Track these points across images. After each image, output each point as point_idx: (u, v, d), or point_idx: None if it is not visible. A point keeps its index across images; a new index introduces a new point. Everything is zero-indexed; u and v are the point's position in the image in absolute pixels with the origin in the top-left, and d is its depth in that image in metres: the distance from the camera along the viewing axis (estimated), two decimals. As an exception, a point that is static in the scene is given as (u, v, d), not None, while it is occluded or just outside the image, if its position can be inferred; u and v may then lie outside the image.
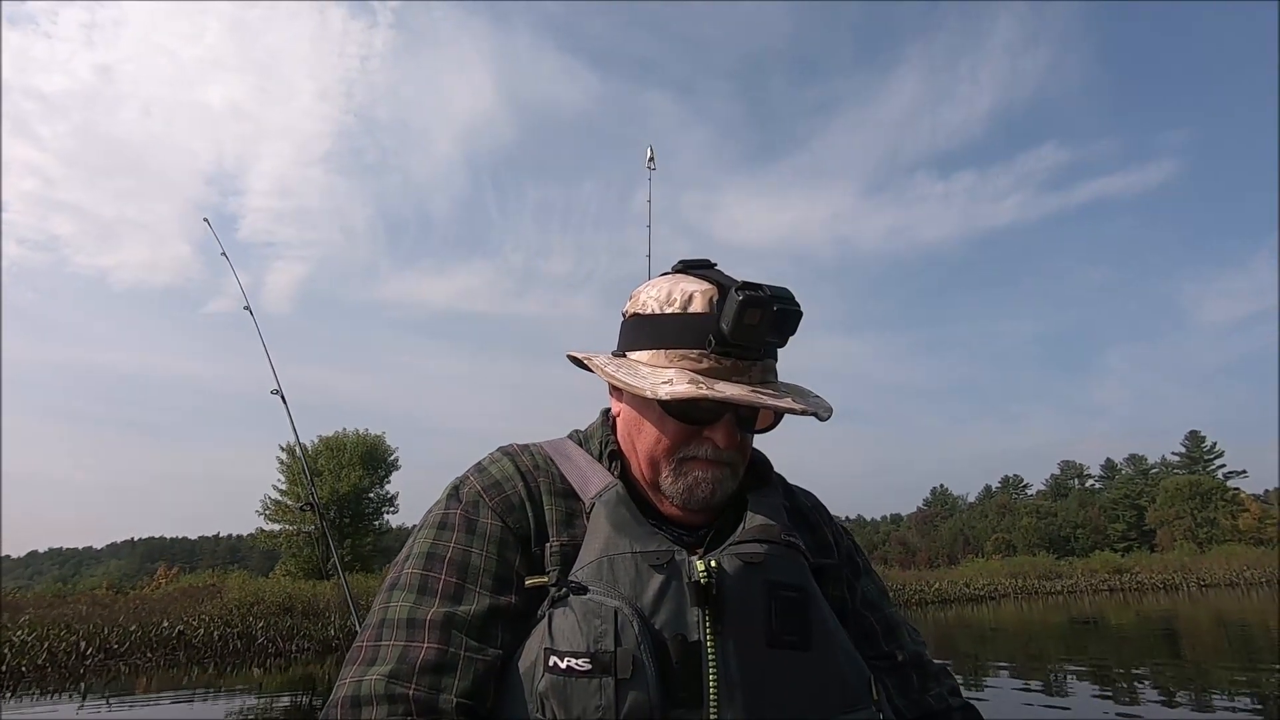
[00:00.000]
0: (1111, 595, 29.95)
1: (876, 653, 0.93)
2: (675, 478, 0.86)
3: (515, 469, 0.92)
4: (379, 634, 0.80)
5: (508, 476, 0.91)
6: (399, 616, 0.80)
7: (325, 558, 31.61)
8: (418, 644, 0.78)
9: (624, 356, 0.90)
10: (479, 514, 0.87)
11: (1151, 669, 10.33)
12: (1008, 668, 10.68)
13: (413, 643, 0.78)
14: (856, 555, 1.02)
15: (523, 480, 0.91)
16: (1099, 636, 15.19)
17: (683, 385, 0.78)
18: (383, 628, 0.80)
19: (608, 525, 0.83)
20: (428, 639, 0.78)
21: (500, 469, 0.92)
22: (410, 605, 0.81)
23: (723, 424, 0.84)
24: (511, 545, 0.86)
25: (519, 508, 0.88)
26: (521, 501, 0.89)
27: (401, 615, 0.80)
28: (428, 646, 0.77)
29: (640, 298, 0.90)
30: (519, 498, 0.89)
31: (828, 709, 0.77)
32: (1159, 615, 19.80)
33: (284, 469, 33.82)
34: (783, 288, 0.81)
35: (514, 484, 0.90)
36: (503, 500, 0.89)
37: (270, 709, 9.04)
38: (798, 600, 0.80)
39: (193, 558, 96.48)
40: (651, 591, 0.77)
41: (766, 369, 0.85)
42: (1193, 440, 67.07)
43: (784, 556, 0.82)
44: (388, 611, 0.82)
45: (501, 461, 0.93)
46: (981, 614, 23.00)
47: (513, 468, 0.92)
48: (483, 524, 0.87)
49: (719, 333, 0.80)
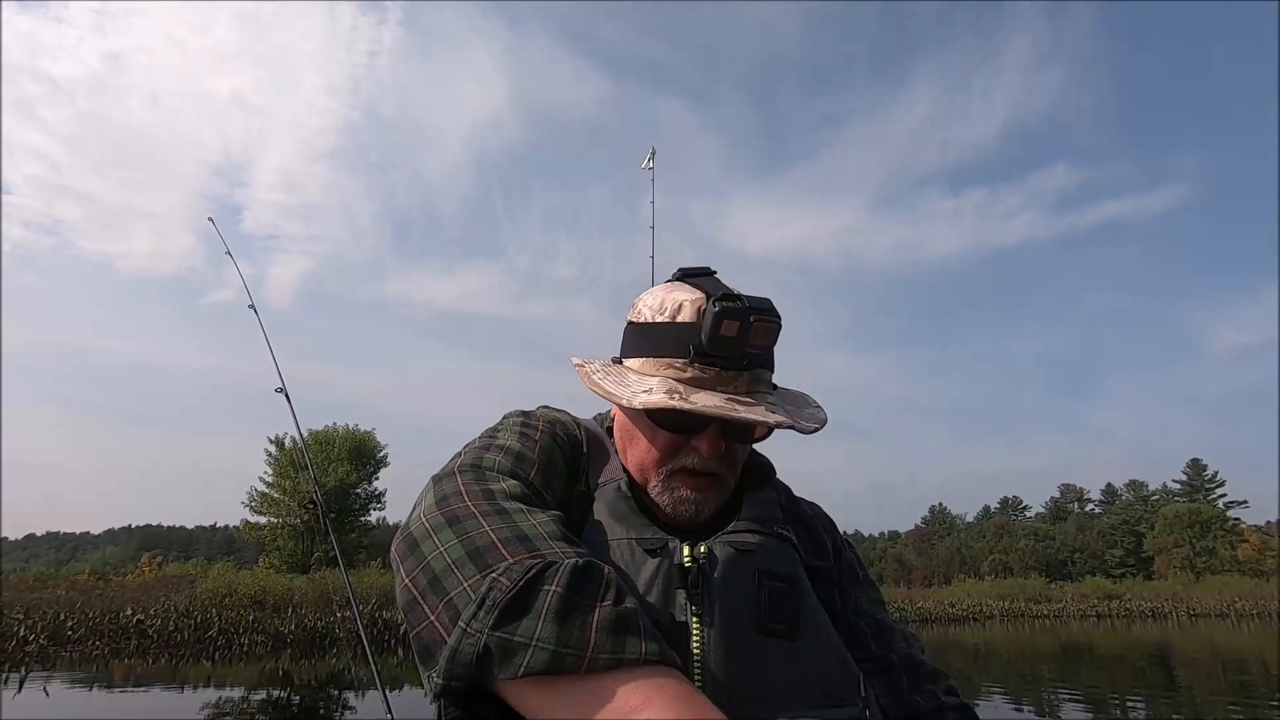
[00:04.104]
0: (1100, 621, 29.58)
1: (866, 655, 0.92)
2: (663, 490, 0.87)
3: (570, 418, 0.99)
4: (480, 456, 0.83)
5: (566, 421, 0.98)
6: (508, 445, 0.86)
7: (310, 551, 31.60)
8: (523, 471, 0.82)
9: (621, 363, 0.92)
10: (556, 429, 0.94)
11: (1145, 698, 10.21)
12: (1000, 690, 10.53)
13: (519, 469, 0.82)
14: (858, 566, 1.02)
15: (576, 427, 0.98)
16: (1090, 661, 14.98)
17: (659, 395, 0.79)
18: (488, 450, 0.84)
19: (606, 514, 0.86)
20: (532, 474, 0.83)
21: (558, 414, 0.99)
22: (518, 446, 0.86)
23: (707, 434, 0.84)
24: (567, 471, 0.91)
25: (577, 444, 0.95)
26: (580, 440, 0.96)
27: (511, 445, 0.86)
28: (534, 476, 0.83)
29: (638, 305, 0.91)
30: (578, 438, 0.96)
31: (812, 701, 0.76)
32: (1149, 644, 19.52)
33: (272, 462, 33.88)
34: (763, 298, 0.81)
35: (570, 428, 0.97)
36: (567, 433, 0.95)
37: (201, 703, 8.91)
38: (787, 590, 0.81)
39: (189, 547, 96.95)
40: (645, 574, 0.79)
41: (755, 378, 0.84)
42: (1194, 468, 66.33)
43: (776, 547, 0.85)
44: (492, 443, 0.87)
45: (553, 411, 1.00)
46: (965, 635, 22.71)
47: (568, 416, 1.00)
48: (559, 437, 0.93)
49: (699, 343, 0.81)
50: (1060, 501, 76.32)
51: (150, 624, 14.60)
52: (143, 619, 14.70)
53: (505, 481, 0.78)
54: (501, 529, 0.69)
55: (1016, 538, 65.31)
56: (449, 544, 0.68)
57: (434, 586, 0.66)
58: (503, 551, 0.66)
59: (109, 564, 52.64)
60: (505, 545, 0.66)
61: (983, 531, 71.33)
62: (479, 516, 0.70)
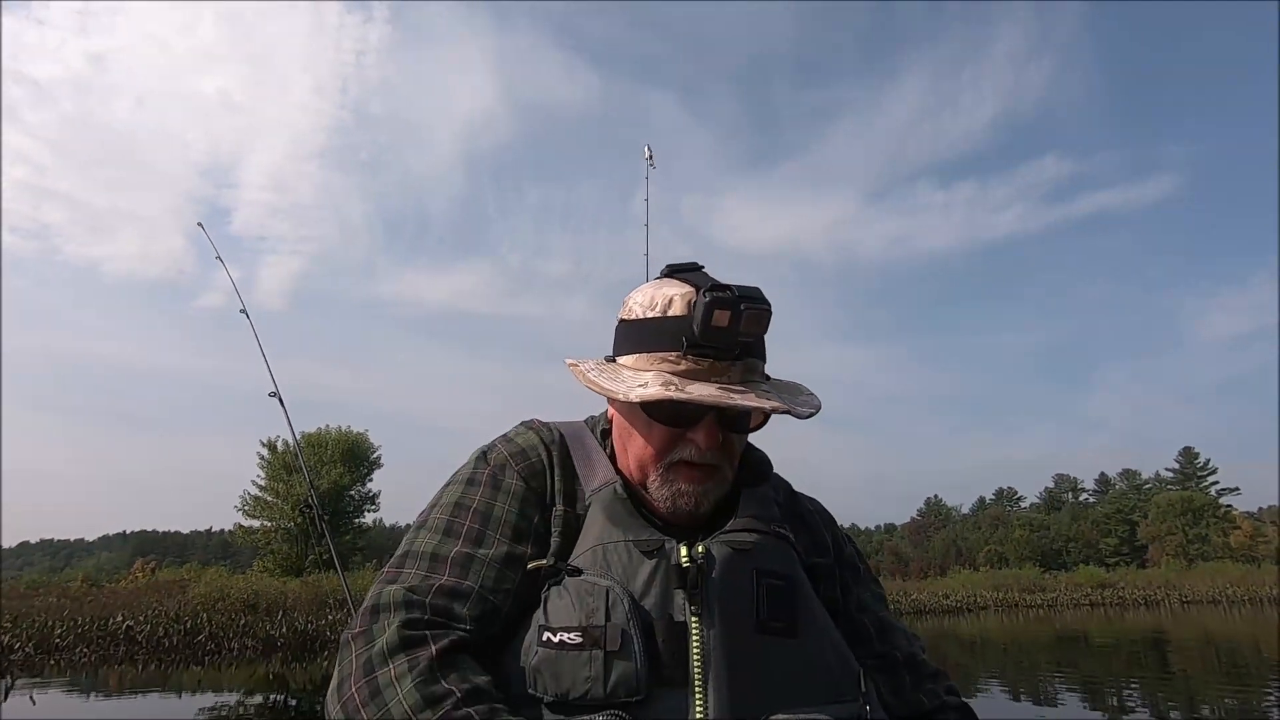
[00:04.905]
0: (1093, 610, 29.71)
1: (869, 652, 0.92)
2: (662, 484, 0.88)
3: (539, 439, 0.99)
4: (402, 563, 0.87)
5: (532, 445, 0.98)
6: (423, 549, 0.87)
7: (304, 554, 31.50)
8: (438, 575, 0.84)
9: (614, 361, 0.93)
10: (505, 475, 0.94)
11: (1141, 684, 10.26)
12: (998, 679, 10.56)
13: (434, 573, 0.84)
14: (858, 562, 1.03)
15: (545, 449, 0.97)
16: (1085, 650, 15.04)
17: (654, 388, 0.80)
18: (406, 558, 0.87)
19: (603, 517, 0.87)
20: (448, 572, 0.85)
21: (525, 439, 0.99)
22: (435, 543, 0.88)
23: (704, 425, 0.86)
24: (533, 503, 0.92)
25: (541, 473, 0.95)
26: (544, 467, 0.95)
27: (426, 549, 0.87)
28: (447, 577, 0.84)
29: (629, 303, 0.93)
30: (541, 464, 0.95)
31: (812, 698, 0.77)
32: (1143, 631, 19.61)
33: (264, 465, 33.72)
34: (752, 287, 0.83)
35: (537, 452, 0.96)
36: (527, 465, 0.95)
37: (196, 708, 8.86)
38: (785, 589, 0.82)
39: (184, 552, 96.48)
40: (643, 575, 0.81)
41: (749, 368, 0.86)
42: (1186, 456, 66.77)
43: (773, 546, 0.86)
44: (413, 545, 0.89)
45: (526, 433, 1.00)
46: (960, 626, 22.78)
47: (536, 438, 0.99)
48: (508, 483, 0.93)
49: (691, 334, 0.82)
50: (1055, 492, 76.78)
51: (139, 630, 14.49)
52: (132, 625, 14.59)
53: (392, 634, 0.78)
54: None
55: (1012, 528, 65.52)
56: None
57: None
58: None
59: (103, 570, 52.42)
60: None
61: (978, 523, 71.64)
62: (360, 708, 0.75)
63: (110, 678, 11.68)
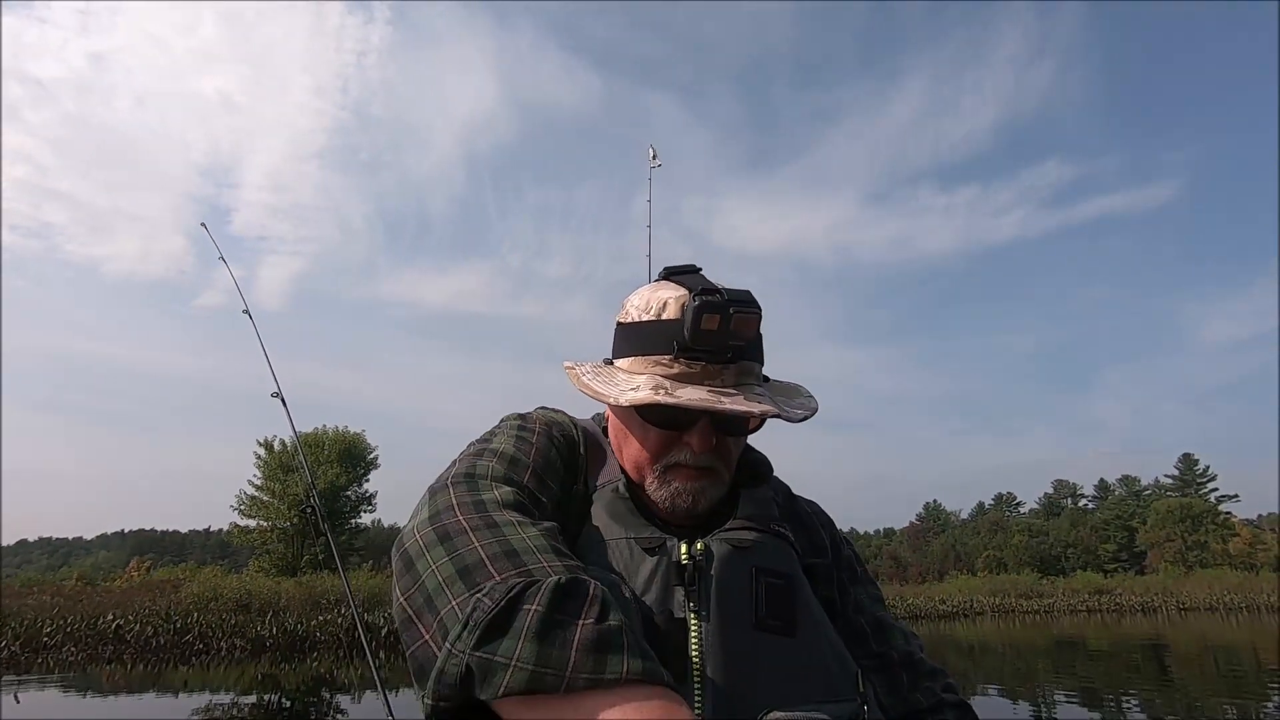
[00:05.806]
0: (1090, 616, 29.63)
1: (866, 652, 0.92)
2: (659, 485, 0.88)
3: (568, 419, 1.00)
4: (480, 454, 0.85)
5: (563, 422, 0.99)
6: (503, 449, 0.86)
7: (300, 554, 31.44)
8: (519, 474, 0.83)
9: (612, 363, 0.93)
10: (554, 432, 0.95)
11: (1139, 691, 10.21)
12: (996, 685, 10.49)
13: (515, 470, 0.83)
14: (856, 564, 1.03)
15: (575, 429, 0.99)
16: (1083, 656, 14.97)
17: (645, 392, 0.81)
18: (484, 453, 0.85)
19: (605, 515, 0.87)
20: (529, 479, 0.84)
21: (557, 415, 1.00)
22: (512, 451, 0.86)
23: (698, 428, 0.85)
24: (568, 471, 0.92)
25: (574, 446, 0.96)
26: (576, 442, 0.96)
27: (506, 450, 0.86)
28: (530, 477, 0.84)
29: (626, 306, 0.93)
30: (574, 439, 0.97)
31: (810, 695, 0.77)
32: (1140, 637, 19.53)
33: (261, 465, 33.68)
34: (742, 290, 0.83)
35: (569, 429, 0.98)
36: (565, 435, 0.96)
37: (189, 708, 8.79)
38: (784, 587, 0.82)
39: (182, 551, 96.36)
40: (644, 572, 0.80)
41: (743, 370, 0.85)
42: (1186, 463, 66.54)
43: (773, 545, 0.86)
44: (490, 444, 0.88)
45: (554, 412, 1.01)
46: (957, 631, 22.71)
47: (565, 417, 1.00)
48: (557, 439, 0.94)
49: (682, 339, 0.82)
50: (1054, 497, 76.49)
51: (128, 629, 14.42)
52: (121, 624, 14.53)
53: (499, 489, 0.78)
54: (491, 544, 0.68)
55: (1011, 534, 65.38)
56: (440, 562, 0.68)
57: (428, 605, 0.66)
58: (490, 569, 0.65)
59: (100, 569, 52.34)
60: (493, 562, 0.66)
61: (977, 528, 71.41)
62: (470, 532, 0.70)
63: (101, 676, 11.63)
